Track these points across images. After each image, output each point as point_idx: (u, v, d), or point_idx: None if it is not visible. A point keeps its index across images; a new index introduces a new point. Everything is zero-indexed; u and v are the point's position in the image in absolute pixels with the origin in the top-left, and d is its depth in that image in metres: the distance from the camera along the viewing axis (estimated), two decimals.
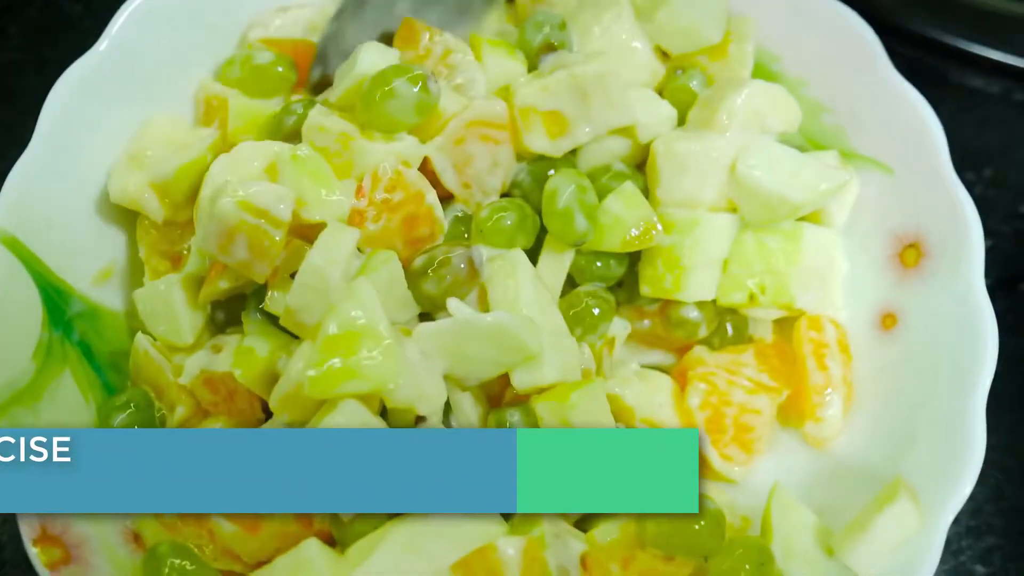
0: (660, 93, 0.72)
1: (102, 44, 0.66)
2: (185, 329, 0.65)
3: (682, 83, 0.72)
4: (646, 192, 0.68)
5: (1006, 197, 0.84)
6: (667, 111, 0.70)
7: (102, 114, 0.67)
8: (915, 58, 0.70)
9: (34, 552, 0.57)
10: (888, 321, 0.68)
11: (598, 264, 0.67)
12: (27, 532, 0.57)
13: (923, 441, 0.62)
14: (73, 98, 0.65)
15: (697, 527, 0.57)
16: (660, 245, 0.66)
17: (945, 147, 0.65)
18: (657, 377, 0.70)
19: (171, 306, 0.64)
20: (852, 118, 0.71)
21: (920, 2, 0.87)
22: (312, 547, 0.55)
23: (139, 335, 0.66)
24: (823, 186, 0.66)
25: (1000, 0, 0.87)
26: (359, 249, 0.60)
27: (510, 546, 0.54)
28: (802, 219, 0.69)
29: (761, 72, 0.74)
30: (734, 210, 0.68)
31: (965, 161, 0.65)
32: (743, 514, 0.66)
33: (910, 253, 0.68)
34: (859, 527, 0.60)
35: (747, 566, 0.58)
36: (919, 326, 0.66)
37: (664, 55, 0.74)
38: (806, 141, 0.73)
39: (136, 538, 0.62)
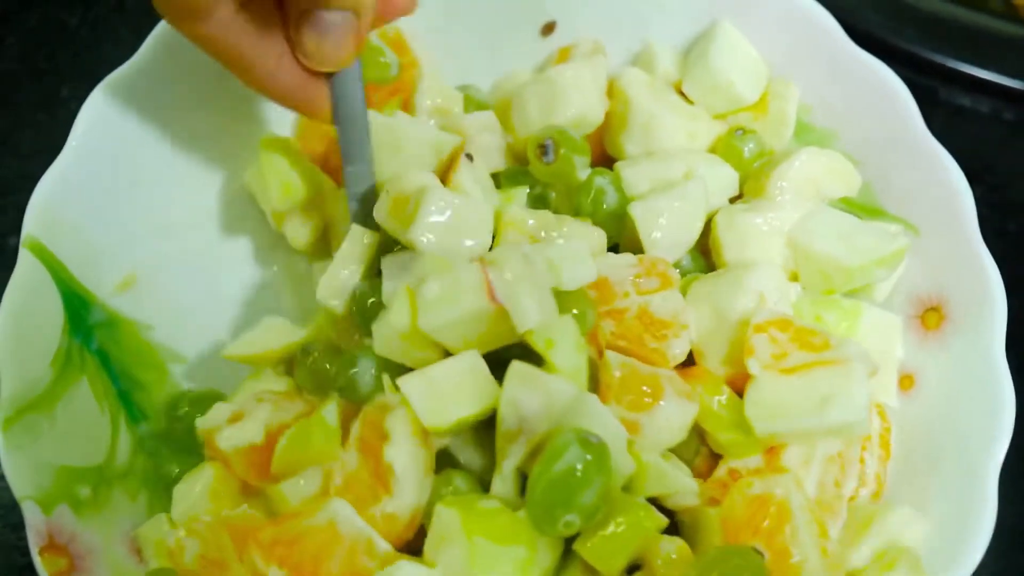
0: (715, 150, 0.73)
1: (137, 56, 0.66)
2: None
3: (736, 144, 0.71)
4: (707, 265, 0.69)
5: (995, 215, 0.83)
6: (729, 173, 0.70)
7: (134, 125, 0.67)
8: (905, 77, 0.68)
9: (39, 561, 0.57)
10: (906, 382, 0.67)
11: None
12: (35, 540, 0.57)
13: (933, 507, 0.61)
14: (107, 108, 0.65)
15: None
16: None
17: (974, 212, 0.65)
18: None
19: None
20: (881, 174, 0.70)
21: (910, 21, 0.87)
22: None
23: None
24: (879, 251, 0.64)
25: (990, 19, 0.88)
26: None
27: None
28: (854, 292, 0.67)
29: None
30: (797, 279, 0.67)
31: None
32: None
33: (932, 316, 0.67)
34: None
35: None
36: (936, 389, 0.66)
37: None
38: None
39: (140, 552, 0.62)
